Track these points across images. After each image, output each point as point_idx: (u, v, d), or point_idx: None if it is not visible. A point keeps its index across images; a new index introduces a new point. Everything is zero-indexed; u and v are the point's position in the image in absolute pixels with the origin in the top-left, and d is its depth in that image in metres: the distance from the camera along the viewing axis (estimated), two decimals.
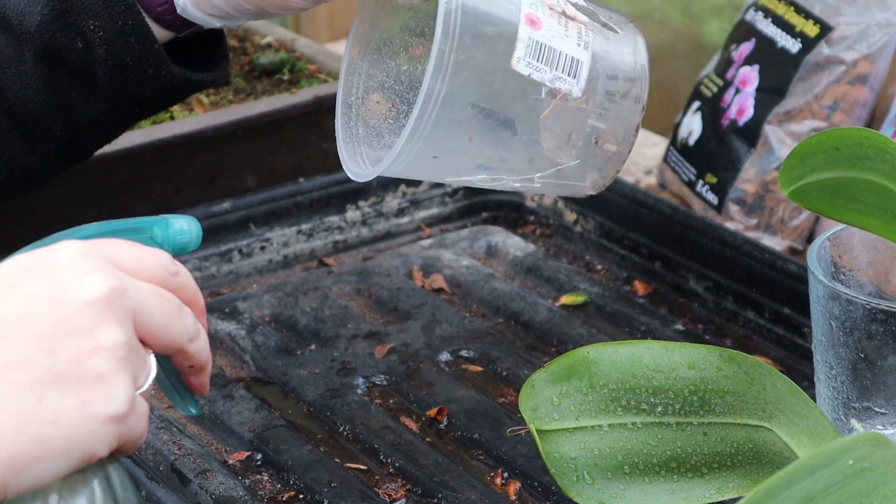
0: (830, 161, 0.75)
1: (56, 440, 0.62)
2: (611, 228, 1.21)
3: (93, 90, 1.02)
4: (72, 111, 1.03)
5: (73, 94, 1.02)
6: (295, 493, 0.92)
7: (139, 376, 0.66)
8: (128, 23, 1.01)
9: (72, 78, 1.02)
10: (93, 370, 0.63)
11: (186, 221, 0.77)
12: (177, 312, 0.69)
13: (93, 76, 1.02)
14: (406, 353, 1.06)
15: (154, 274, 0.69)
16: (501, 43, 0.84)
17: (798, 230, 1.23)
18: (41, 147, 1.03)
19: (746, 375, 0.74)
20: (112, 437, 0.64)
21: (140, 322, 0.66)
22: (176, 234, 0.77)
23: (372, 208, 1.23)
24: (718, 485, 0.74)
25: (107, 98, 1.03)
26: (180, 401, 0.74)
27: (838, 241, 0.84)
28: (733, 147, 1.23)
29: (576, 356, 0.74)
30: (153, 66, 1.02)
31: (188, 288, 0.71)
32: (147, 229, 0.76)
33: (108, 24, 1.01)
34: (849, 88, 1.20)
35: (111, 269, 0.66)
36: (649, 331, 1.09)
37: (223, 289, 1.16)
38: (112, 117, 1.04)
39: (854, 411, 0.81)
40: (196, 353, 0.70)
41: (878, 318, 0.77)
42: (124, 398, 0.64)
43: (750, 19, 1.27)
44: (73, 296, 0.64)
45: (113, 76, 1.02)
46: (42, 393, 0.62)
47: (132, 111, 1.05)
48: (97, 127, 1.05)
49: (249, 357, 1.07)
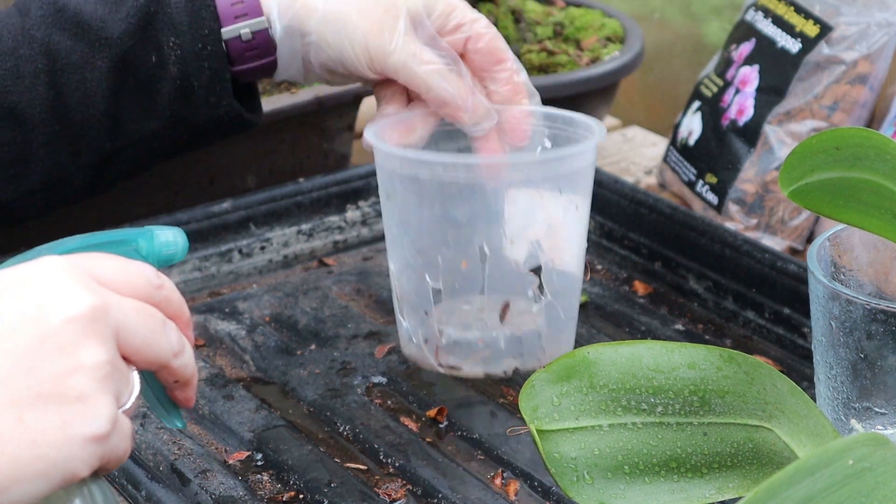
0: (830, 161, 0.75)
1: (35, 461, 0.61)
2: (611, 228, 1.21)
3: (151, 108, 1.03)
4: (124, 126, 1.04)
5: (132, 108, 1.03)
6: (295, 493, 0.92)
7: (122, 394, 0.65)
8: (207, 47, 1.03)
9: (136, 91, 1.03)
10: (74, 389, 0.62)
11: (172, 233, 0.76)
12: (160, 328, 0.68)
13: (156, 93, 1.03)
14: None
15: (138, 288, 0.68)
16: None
17: (798, 230, 1.23)
18: (85, 158, 1.04)
19: (746, 375, 0.74)
20: (93, 458, 0.63)
21: (123, 339, 0.65)
22: (161, 246, 0.75)
23: (372, 208, 1.23)
24: (718, 485, 0.74)
25: (162, 118, 1.04)
26: (165, 414, 0.73)
27: (838, 241, 0.84)
28: (733, 147, 1.23)
29: (576, 356, 0.74)
30: (217, 95, 1.04)
31: (173, 301, 0.70)
32: (131, 242, 0.75)
33: (188, 43, 1.02)
34: (849, 88, 1.20)
35: (94, 286, 0.65)
36: (649, 331, 1.09)
37: (223, 289, 1.16)
38: (159, 140, 1.06)
39: (854, 411, 0.81)
40: (181, 368, 0.69)
41: (878, 318, 0.77)
42: (106, 418, 0.63)
43: (750, 19, 1.27)
44: (54, 313, 0.63)
45: (176, 97, 1.03)
46: (21, 412, 0.61)
47: (179, 138, 1.07)
48: (142, 148, 1.06)
49: (249, 357, 1.07)
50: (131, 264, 0.68)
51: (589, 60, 1.39)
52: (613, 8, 1.49)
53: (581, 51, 1.41)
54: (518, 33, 1.41)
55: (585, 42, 1.42)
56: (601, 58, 1.39)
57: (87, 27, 1.02)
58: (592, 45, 1.41)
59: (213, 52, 1.03)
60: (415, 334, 1.02)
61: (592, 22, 1.45)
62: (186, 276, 1.15)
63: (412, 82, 1.01)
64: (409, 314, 1.01)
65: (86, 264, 0.67)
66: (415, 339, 1.02)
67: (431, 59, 1.01)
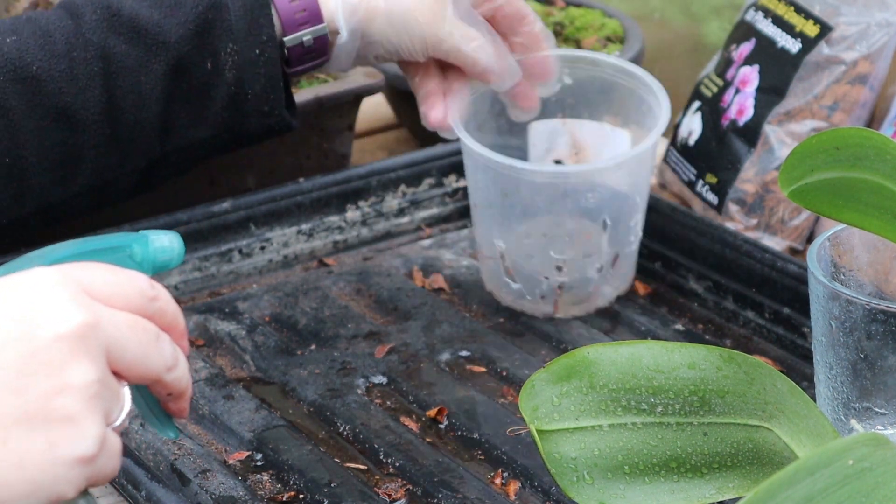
0: (830, 161, 0.75)
1: (21, 484, 0.60)
2: None
3: (203, 115, 1.04)
4: (175, 132, 1.04)
5: (184, 113, 1.04)
6: (295, 493, 0.92)
7: (112, 411, 0.64)
8: (264, 54, 1.04)
9: (190, 97, 1.04)
10: (61, 410, 0.61)
11: (168, 238, 0.73)
12: (153, 342, 0.66)
13: (210, 100, 1.04)
14: (406, 353, 1.06)
15: (131, 301, 0.66)
16: None
17: (798, 230, 1.23)
18: (132, 162, 1.04)
19: (746, 375, 0.74)
20: (80, 479, 0.62)
21: (114, 355, 0.64)
22: (156, 251, 0.73)
23: (372, 208, 1.23)
24: (718, 485, 0.74)
25: (213, 126, 1.05)
26: (158, 425, 0.72)
27: (838, 241, 0.84)
28: (733, 147, 1.23)
29: (576, 356, 0.74)
30: (270, 104, 1.05)
31: (167, 312, 0.68)
32: (126, 248, 0.72)
33: (245, 49, 1.03)
34: (849, 88, 1.20)
35: (85, 300, 0.64)
36: (649, 331, 1.09)
37: (223, 289, 1.16)
38: (208, 147, 1.07)
39: (854, 411, 0.81)
40: (174, 382, 0.68)
41: (878, 318, 0.77)
42: (94, 439, 0.62)
43: (750, 19, 1.27)
44: (44, 330, 0.62)
45: (229, 104, 1.04)
46: (8, 433, 0.60)
47: (227, 146, 1.09)
48: (189, 153, 1.07)
49: (249, 357, 1.07)
50: (125, 275, 0.67)
51: None
52: (613, 8, 1.49)
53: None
54: None
55: (585, 42, 1.42)
56: None
57: (143, 31, 1.02)
58: (592, 45, 1.41)
59: (269, 58, 1.04)
60: (530, 293, 1.11)
61: (592, 22, 1.45)
62: (186, 276, 1.15)
63: (461, 60, 1.07)
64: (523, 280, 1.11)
65: (78, 276, 0.65)
66: (529, 296, 1.11)
67: (475, 35, 1.07)
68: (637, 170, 1.09)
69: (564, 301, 1.11)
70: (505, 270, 1.11)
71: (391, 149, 1.44)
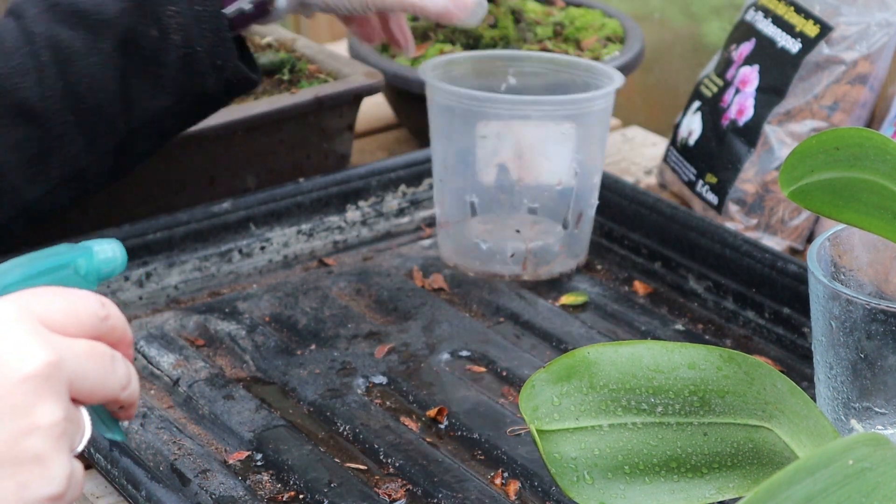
0: (830, 161, 0.75)
1: None
2: (611, 228, 1.21)
3: (160, 82, 1.06)
4: (136, 105, 1.06)
5: (141, 85, 1.06)
6: (295, 493, 0.92)
7: (75, 441, 0.64)
8: (207, 9, 1.05)
9: (143, 68, 1.05)
10: (30, 451, 0.61)
11: (111, 248, 0.74)
12: (110, 367, 0.66)
13: (163, 66, 1.05)
14: (406, 353, 1.06)
15: (85, 325, 0.66)
16: None
17: (798, 230, 1.23)
18: (100, 144, 1.05)
19: (746, 375, 0.74)
20: None
21: (75, 386, 0.64)
22: (101, 263, 0.74)
23: (372, 208, 1.23)
24: (718, 485, 0.74)
25: (172, 92, 1.06)
26: (106, 430, 0.72)
27: (838, 241, 0.84)
28: (733, 147, 1.23)
29: (576, 356, 0.74)
30: (222, 57, 1.07)
31: (117, 328, 0.68)
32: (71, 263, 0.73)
33: (185, 9, 1.05)
34: (849, 88, 1.20)
35: (45, 335, 0.63)
36: (649, 331, 1.09)
37: (223, 289, 1.16)
38: (171, 116, 1.08)
39: (854, 411, 0.81)
40: (128, 398, 0.68)
41: (878, 318, 0.77)
42: (62, 478, 0.62)
43: (750, 19, 1.27)
44: (8, 371, 0.61)
45: (182, 66, 1.06)
46: None
47: (191, 109, 1.09)
48: (156, 127, 1.08)
49: (249, 357, 1.07)
50: (78, 300, 0.67)
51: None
52: (613, 8, 1.49)
53: (581, 51, 1.41)
54: (518, 33, 1.41)
55: (585, 42, 1.42)
56: (601, 58, 1.39)
57: (84, 14, 1.03)
58: (592, 45, 1.41)
59: (212, 12, 1.05)
60: (500, 252, 1.16)
61: (592, 22, 1.45)
62: (186, 276, 1.15)
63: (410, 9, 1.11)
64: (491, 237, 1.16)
65: (34, 307, 0.65)
66: (499, 254, 1.16)
67: None
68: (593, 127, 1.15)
69: (532, 262, 1.15)
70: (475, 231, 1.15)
71: (391, 149, 1.44)
